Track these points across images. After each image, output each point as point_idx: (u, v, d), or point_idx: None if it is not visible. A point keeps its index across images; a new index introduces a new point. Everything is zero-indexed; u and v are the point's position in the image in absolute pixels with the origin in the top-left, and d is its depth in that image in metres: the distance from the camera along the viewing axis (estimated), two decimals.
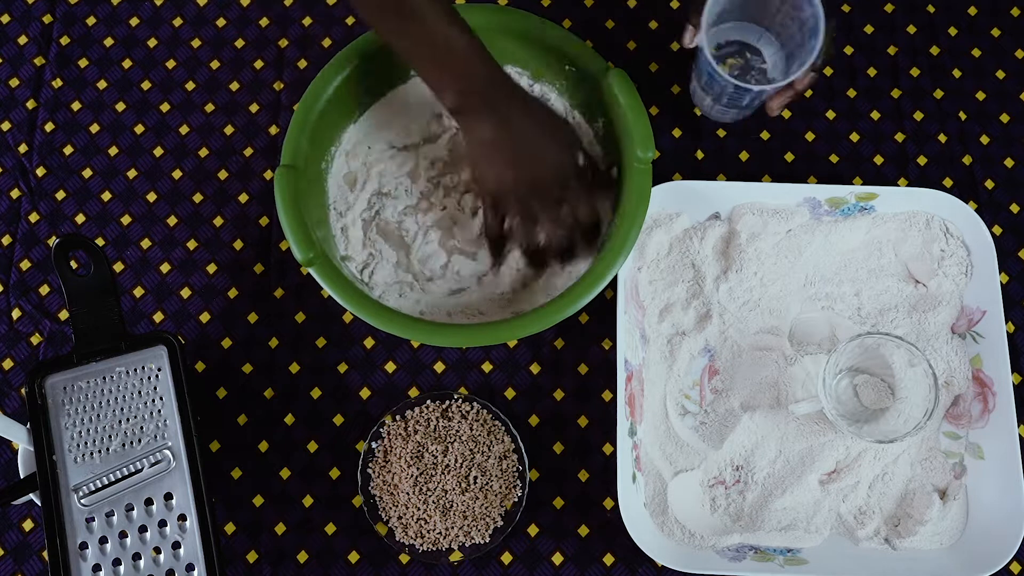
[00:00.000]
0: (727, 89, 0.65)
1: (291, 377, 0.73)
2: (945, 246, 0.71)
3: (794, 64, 0.66)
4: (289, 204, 0.65)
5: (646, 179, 0.66)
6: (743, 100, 0.68)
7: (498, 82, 0.64)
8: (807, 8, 0.63)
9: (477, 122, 0.64)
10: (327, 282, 0.65)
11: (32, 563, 0.70)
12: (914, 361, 0.64)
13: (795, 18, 0.66)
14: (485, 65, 0.63)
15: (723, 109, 0.72)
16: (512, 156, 0.64)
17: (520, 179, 0.64)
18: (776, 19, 0.68)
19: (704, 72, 0.67)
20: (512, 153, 0.64)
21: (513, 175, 0.64)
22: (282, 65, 0.81)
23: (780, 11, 0.67)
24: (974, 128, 0.78)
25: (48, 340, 0.74)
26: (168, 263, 0.76)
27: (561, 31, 0.70)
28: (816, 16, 0.62)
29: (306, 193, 0.68)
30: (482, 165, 0.66)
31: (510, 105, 0.64)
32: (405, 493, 0.68)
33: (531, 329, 0.64)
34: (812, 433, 0.68)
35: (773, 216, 0.71)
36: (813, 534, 0.66)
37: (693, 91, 0.76)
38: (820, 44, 0.61)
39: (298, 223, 0.65)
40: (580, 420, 0.72)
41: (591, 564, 0.69)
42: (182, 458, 0.63)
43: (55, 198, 0.77)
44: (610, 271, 0.64)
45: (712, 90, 0.68)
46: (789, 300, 0.71)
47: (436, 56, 0.62)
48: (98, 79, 0.80)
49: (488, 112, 0.63)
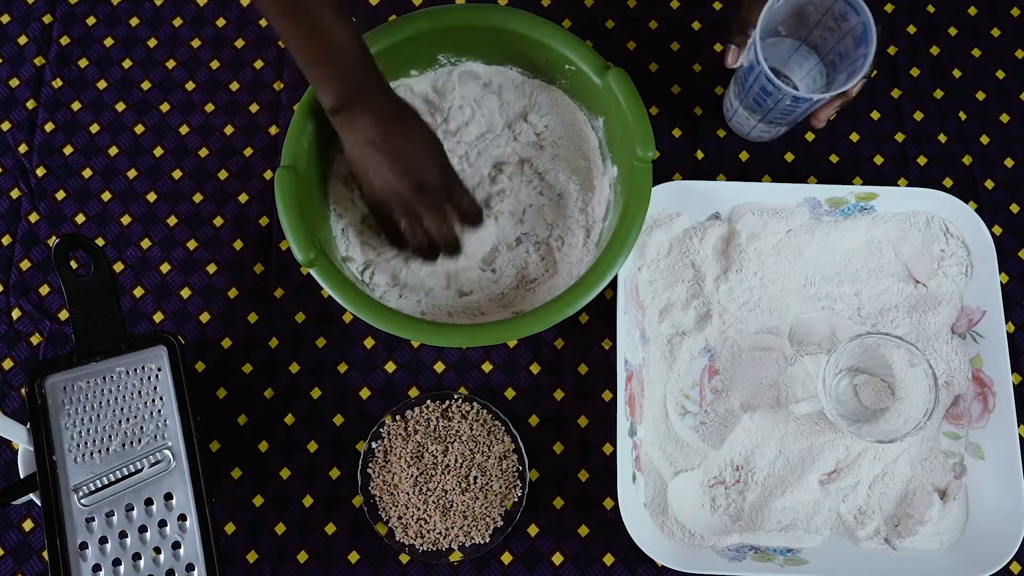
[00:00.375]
0: (782, 102, 0.64)
1: (291, 377, 0.73)
2: (945, 246, 0.71)
3: (839, 73, 0.67)
4: (289, 205, 0.65)
5: (646, 178, 0.66)
6: (795, 112, 0.67)
7: (376, 85, 0.65)
8: (853, 17, 0.63)
9: (355, 123, 0.65)
10: (328, 283, 0.65)
11: (32, 563, 0.70)
12: (914, 361, 0.64)
13: (836, 29, 0.66)
14: (364, 68, 0.64)
15: (765, 128, 0.71)
16: (393, 157, 0.65)
17: (404, 182, 0.66)
18: (815, 32, 0.68)
19: (755, 89, 0.66)
20: (393, 154, 0.65)
21: (397, 177, 0.66)
22: (282, 65, 0.81)
23: (820, 23, 0.67)
24: (974, 128, 0.78)
25: (48, 340, 0.74)
26: (168, 263, 0.76)
27: (561, 31, 0.70)
28: (865, 23, 0.61)
29: (307, 194, 0.68)
30: (364, 166, 0.67)
31: (387, 108, 0.65)
32: (405, 493, 0.68)
33: (531, 329, 0.64)
34: (812, 433, 0.68)
35: (773, 216, 0.71)
36: (813, 534, 0.66)
37: (731, 111, 0.74)
38: (873, 50, 0.61)
39: (299, 224, 0.65)
40: (580, 420, 0.72)
41: (591, 564, 0.69)
42: (182, 458, 0.63)
43: (55, 198, 0.77)
44: (610, 271, 0.64)
45: (762, 106, 0.67)
46: (789, 300, 0.71)
47: (318, 55, 0.63)
48: (98, 79, 0.80)
49: (365, 113, 0.64)
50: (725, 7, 0.81)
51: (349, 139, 0.66)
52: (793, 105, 0.64)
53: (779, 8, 0.63)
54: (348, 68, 0.63)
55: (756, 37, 0.61)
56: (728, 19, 0.81)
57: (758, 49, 0.61)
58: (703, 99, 0.79)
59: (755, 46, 0.61)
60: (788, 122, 0.69)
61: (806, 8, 0.66)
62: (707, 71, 0.80)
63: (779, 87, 0.61)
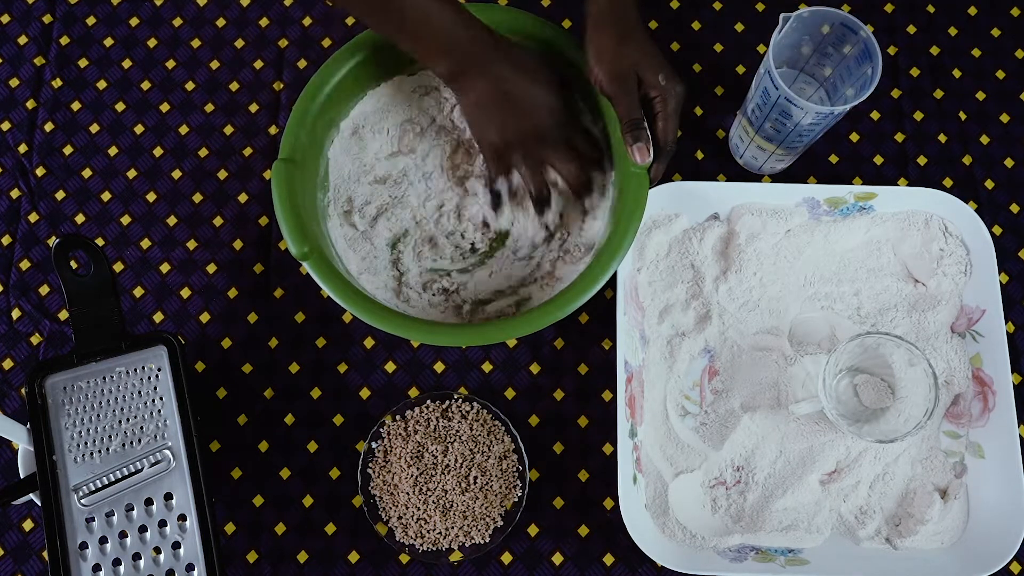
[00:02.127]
0: (803, 122, 0.65)
1: (291, 377, 0.73)
2: (944, 245, 0.71)
3: (843, 87, 0.68)
4: (286, 198, 0.65)
5: (642, 186, 0.66)
6: (814, 132, 0.67)
7: (482, 42, 0.65)
8: (853, 38, 0.64)
9: (470, 85, 0.66)
10: (321, 277, 0.65)
11: (32, 563, 0.70)
12: (914, 360, 0.64)
13: (832, 54, 0.67)
14: (468, 28, 0.65)
15: (780, 156, 0.72)
16: (510, 108, 0.66)
17: (521, 128, 0.67)
18: (811, 60, 0.70)
19: (773, 115, 0.66)
20: (509, 105, 0.66)
21: (514, 125, 0.67)
22: (282, 65, 0.81)
23: (816, 51, 0.68)
24: (974, 128, 0.78)
25: (48, 340, 0.74)
26: (168, 263, 0.76)
27: (561, 31, 0.70)
28: (867, 41, 0.63)
29: (304, 187, 0.68)
30: (481, 123, 0.68)
31: (498, 61, 0.66)
32: (405, 493, 0.68)
33: (531, 328, 0.64)
34: (812, 433, 0.68)
35: (772, 216, 0.71)
36: (814, 534, 0.66)
37: (742, 148, 0.74)
38: (880, 64, 0.62)
39: (294, 217, 0.65)
40: (580, 420, 0.72)
41: (591, 564, 0.69)
42: (182, 458, 0.63)
43: (55, 198, 0.77)
44: (606, 273, 0.65)
45: (781, 132, 0.67)
46: (788, 300, 0.71)
47: (419, 32, 0.64)
48: (98, 79, 0.80)
49: (477, 73, 0.66)
50: (725, 7, 0.81)
51: (466, 101, 0.68)
52: (813, 125, 0.65)
53: (782, 42, 0.64)
54: (452, 36, 0.64)
55: (771, 66, 0.62)
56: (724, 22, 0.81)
57: (774, 75, 0.62)
58: (703, 99, 0.79)
59: (771, 74, 0.62)
60: (804, 144, 0.69)
61: (803, 39, 0.67)
62: (707, 71, 0.80)
63: (803, 104, 0.62)
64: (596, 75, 0.66)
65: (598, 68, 0.65)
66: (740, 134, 0.73)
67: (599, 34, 0.65)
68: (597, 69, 0.65)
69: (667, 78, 0.65)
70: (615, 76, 0.65)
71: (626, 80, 0.65)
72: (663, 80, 0.65)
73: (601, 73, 0.65)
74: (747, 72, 0.80)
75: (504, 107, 0.66)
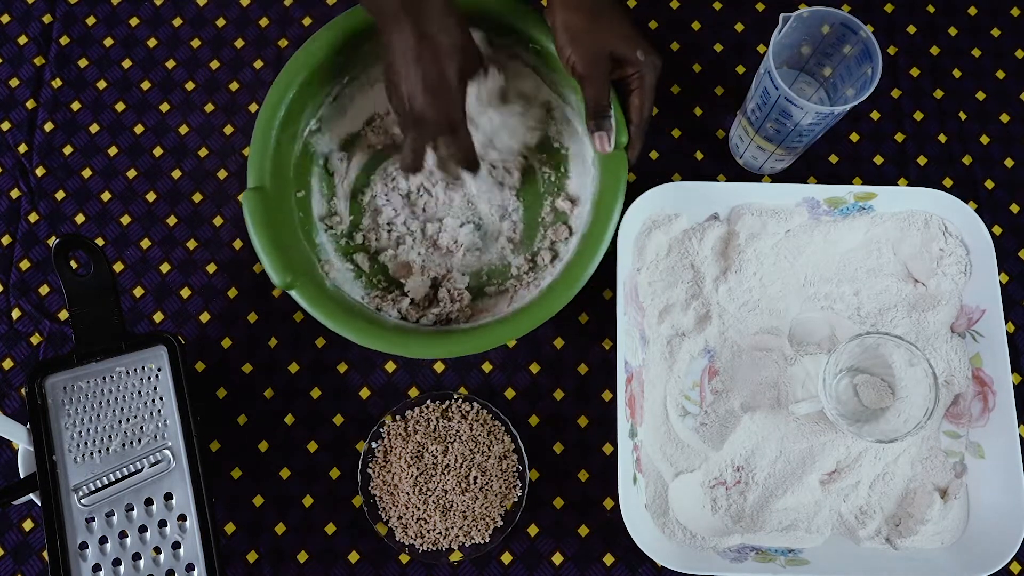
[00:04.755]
0: (803, 121, 0.65)
1: (291, 377, 0.73)
2: (944, 245, 0.71)
3: (843, 87, 0.68)
4: (261, 228, 0.65)
5: (621, 163, 0.66)
6: (815, 131, 0.67)
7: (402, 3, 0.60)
8: (853, 38, 0.64)
9: (398, 31, 0.61)
10: (309, 303, 0.65)
11: (32, 563, 0.70)
12: (914, 360, 0.64)
13: (832, 54, 0.67)
14: None
15: (780, 156, 0.72)
16: (393, 88, 0.63)
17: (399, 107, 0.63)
18: (811, 60, 0.70)
19: (773, 115, 0.66)
20: (393, 85, 0.63)
21: (395, 103, 0.63)
22: (281, 65, 0.80)
23: (816, 51, 0.68)
24: (974, 128, 0.78)
25: (48, 340, 0.74)
26: (168, 263, 0.76)
27: (531, 11, 0.69)
28: (867, 41, 0.63)
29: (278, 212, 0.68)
30: (401, 70, 0.62)
31: (428, 27, 0.61)
32: (405, 493, 0.68)
33: (524, 329, 0.64)
34: (812, 433, 0.68)
35: (772, 216, 0.71)
36: (814, 534, 0.66)
37: (743, 148, 0.74)
38: (880, 64, 0.62)
39: (272, 247, 0.65)
40: (580, 420, 0.72)
41: (591, 564, 0.69)
42: (182, 458, 0.63)
43: (55, 198, 0.77)
44: (594, 259, 0.65)
45: (781, 132, 0.67)
46: (788, 300, 0.71)
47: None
48: (98, 79, 0.80)
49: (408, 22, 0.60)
50: (725, 7, 0.81)
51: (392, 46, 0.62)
52: (813, 125, 0.65)
53: (782, 42, 0.64)
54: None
55: (771, 66, 0.62)
56: (724, 22, 0.81)
57: (774, 75, 0.62)
58: (703, 99, 0.79)
59: (771, 74, 0.62)
60: (804, 144, 0.69)
61: (803, 39, 0.67)
62: (707, 71, 0.80)
63: (803, 104, 0.62)
64: (569, 57, 0.62)
65: (571, 50, 0.61)
66: (740, 134, 0.73)
67: (568, 12, 0.61)
68: (570, 51, 0.62)
69: (644, 51, 0.62)
70: (589, 59, 0.61)
71: (600, 62, 0.61)
72: (641, 55, 0.62)
73: (575, 56, 0.62)
74: (747, 72, 0.80)
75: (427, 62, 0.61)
